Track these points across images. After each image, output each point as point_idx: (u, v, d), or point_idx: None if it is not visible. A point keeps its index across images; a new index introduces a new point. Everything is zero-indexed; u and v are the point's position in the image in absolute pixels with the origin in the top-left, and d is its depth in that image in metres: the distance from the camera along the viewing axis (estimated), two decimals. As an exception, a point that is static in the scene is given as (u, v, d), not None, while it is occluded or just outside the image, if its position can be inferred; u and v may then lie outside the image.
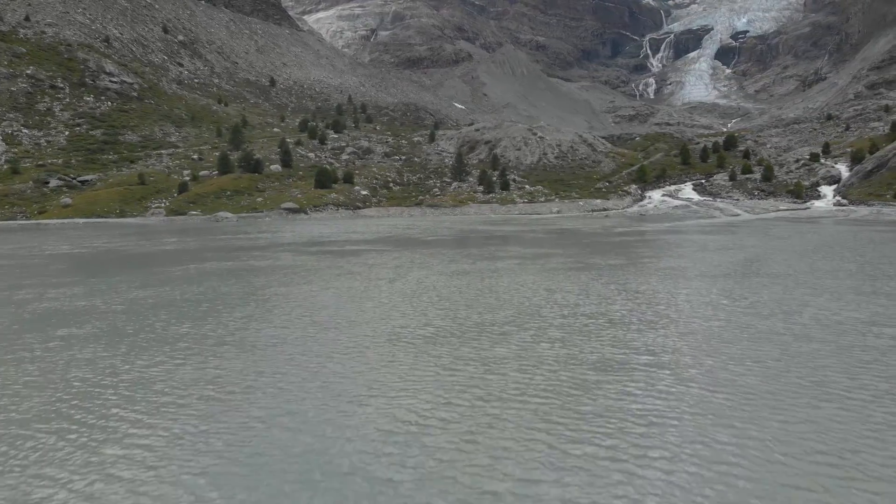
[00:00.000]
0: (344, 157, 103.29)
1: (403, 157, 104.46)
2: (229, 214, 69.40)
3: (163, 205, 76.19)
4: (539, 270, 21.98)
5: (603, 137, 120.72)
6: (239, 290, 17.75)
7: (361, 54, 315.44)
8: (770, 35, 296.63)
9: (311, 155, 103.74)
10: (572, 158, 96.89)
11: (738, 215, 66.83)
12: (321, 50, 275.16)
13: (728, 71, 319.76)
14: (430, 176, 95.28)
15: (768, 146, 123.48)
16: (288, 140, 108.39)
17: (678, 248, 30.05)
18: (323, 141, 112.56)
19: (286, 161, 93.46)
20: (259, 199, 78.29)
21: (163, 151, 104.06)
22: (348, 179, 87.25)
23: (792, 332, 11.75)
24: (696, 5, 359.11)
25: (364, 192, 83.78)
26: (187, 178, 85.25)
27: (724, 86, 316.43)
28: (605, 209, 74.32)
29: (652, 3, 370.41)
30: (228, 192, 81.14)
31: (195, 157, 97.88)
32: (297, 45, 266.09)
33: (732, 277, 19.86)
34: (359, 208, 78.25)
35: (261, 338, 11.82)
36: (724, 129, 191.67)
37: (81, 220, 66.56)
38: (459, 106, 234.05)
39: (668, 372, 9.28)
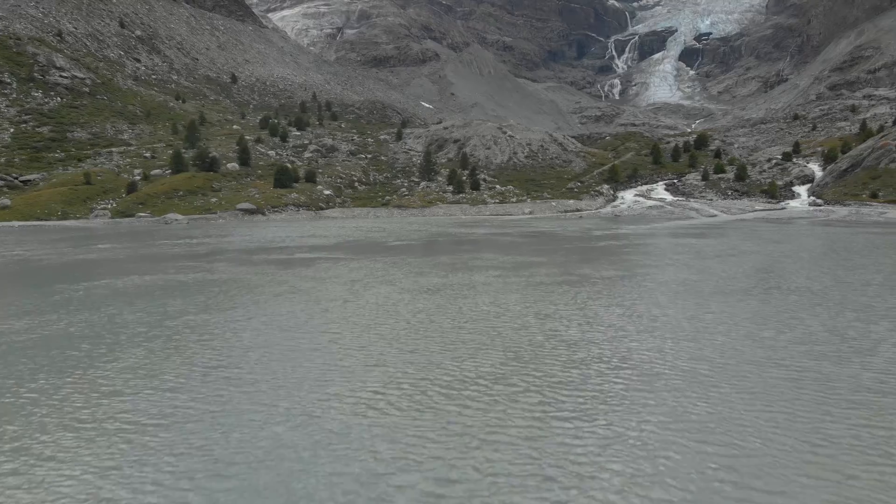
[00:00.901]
0: (306, 155, 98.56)
1: (369, 156, 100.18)
2: (179, 216, 64.42)
3: (109, 206, 70.75)
4: (524, 286, 18.24)
5: (573, 137, 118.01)
6: (138, 321, 13.60)
7: (327, 53, 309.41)
8: (733, 37, 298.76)
9: (272, 153, 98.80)
10: (543, 158, 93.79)
11: (715, 216, 64.23)
12: (285, 47, 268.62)
13: (692, 72, 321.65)
14: (397, 175, 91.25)
15: (736, 146, 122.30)
16: (247, 137, 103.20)
17: (673, 256, 26.62)
18: (284, 138, 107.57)
19: (244, 159, 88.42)
20: (213, 200, 73.31)
21: (113, 149, 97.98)
22: (310, 178, 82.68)
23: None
24: (660, 7, 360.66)
25: (327, 192, 79.34)
26: (138, 178, 79.78)
27: (688, 87, 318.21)
28: (577, 210, 71.19)
29: (617, 4, 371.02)
30: (181, 193, 75.95)
31: (147, 154, 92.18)
32: (261, 42, 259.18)
33: (755, 295, 16.38)
34: (321, 209, 73.84)
35: (104, 430, 7.82)
36: (689, 130, 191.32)
37: (17, 224, 60.95)
38: (427, 105, 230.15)
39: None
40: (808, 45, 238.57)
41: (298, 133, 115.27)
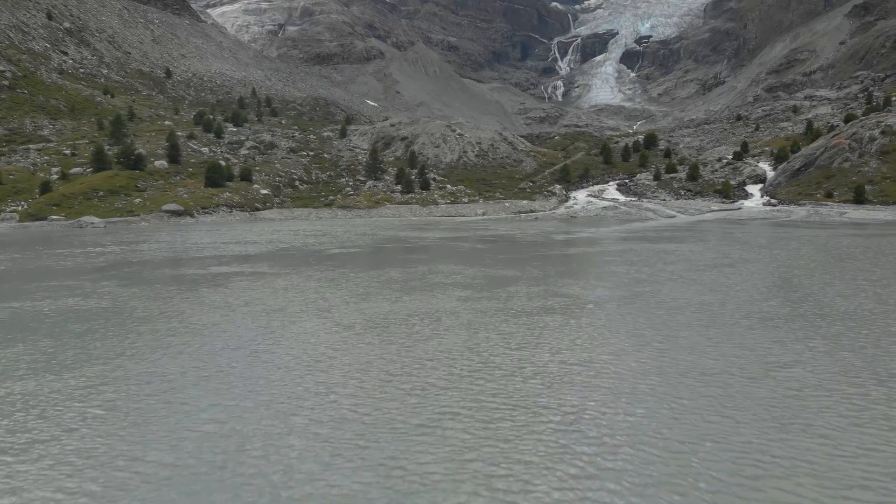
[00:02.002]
0: (243, 152, 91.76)
1: (312, 153, 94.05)
2: (96, 219, 57.38)
3: (19, 208, 62.97)
4: (504, 317, 13.56)
5: (522, 136, 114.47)
6: None
7: (269, 50, 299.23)
8: (672, 40, 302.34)
9: (205, 150, 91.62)
10: (493, 157, 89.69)
11: (673, 217, 61.23)
12: (224, 42, 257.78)
13: (633, 74, 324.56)
14: (341, 174, 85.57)
15: (681, 146, 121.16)
16: (179, 133, 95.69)
17: (664, 266, 22.42)
18: (219, 135, 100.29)
19: (174, 156, 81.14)
20: (137, 201, 66.23)
21: (31, 146, 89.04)
22: (246, 177, 76.20)
23: None
24: (601, 10, 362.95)
25: (264, 192, 73.12)
26: (55, 177, 71.86)
27: (629, 89, 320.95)
28: (532, 211, 67.21)
29: (559, 6, 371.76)
30: (101, 193, 68.51)
31: (67, 152, 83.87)
32: (198, 37, 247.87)
33: (802, 325, 12.13)
34: (257, 210, 67.68)
35: None
36: (630, 131, 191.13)
37: None
38: (372, 103, 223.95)
39: None
40: (744, 48, 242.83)
41: (235, 129, 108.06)
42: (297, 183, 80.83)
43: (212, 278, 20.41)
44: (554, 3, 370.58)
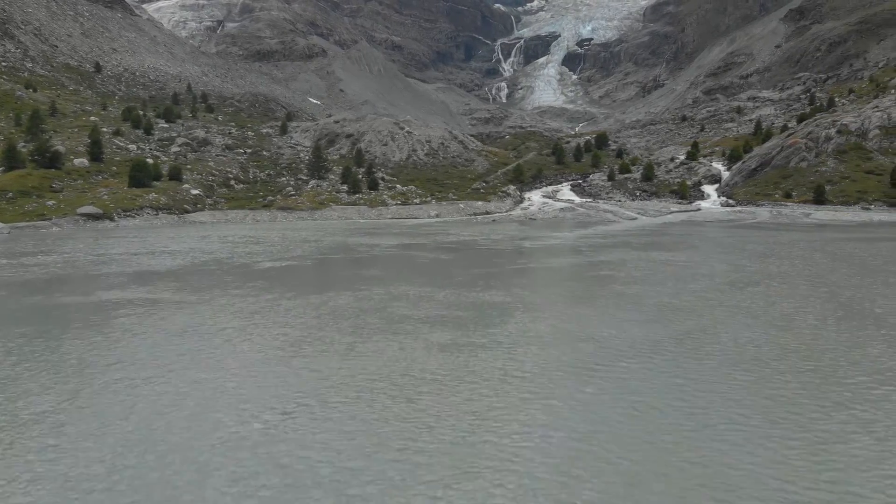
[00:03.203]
0: (174, 149, 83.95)
1: (249, 151, 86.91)
2: (1, 224, 49.60)
3: None
4: (522, 391, 8.46)
5: (471, 136, 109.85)
6: None
7: (207, 46, 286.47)
8: (612, 43, 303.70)
9: (132, 147, 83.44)
10: (444, 156, 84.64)
11: (635, 219, 57.52)
12: (158, 36, 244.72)
13: (574, 77, 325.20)
14: (282, 172, 78.92)
15: (629, 146, 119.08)
16: (104, 129, 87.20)
17: (681, 284, 17.80)
18: (149, 131, 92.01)
19: (96, 154, 73.00)
20: (50, 203, 58.28)
21: (-67, 142, 79.09)
22: (175, 176, 68.85)
23: None
24: (544, 12, 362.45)
25: (195, 192, 66.01)
26: (-45, 175, 63.09)
27: (571, 91, 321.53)
28: (487, 212, 62.46)
29: (503, 8, 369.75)
30: (10, 194, 60.25)
31: (-27, 148, 74.48)
32: (131, 31, 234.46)
33: None
34: (187, 212, 60.69)
35: None
36: (573, 133, 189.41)
37: None
38: (314, 101, 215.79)
39: None
40: (682, 51, 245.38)
41: (167, 125, 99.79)
42: (232, 182, 73.89)
43: (93, 310, 14.62)
44: (497, 5, 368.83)
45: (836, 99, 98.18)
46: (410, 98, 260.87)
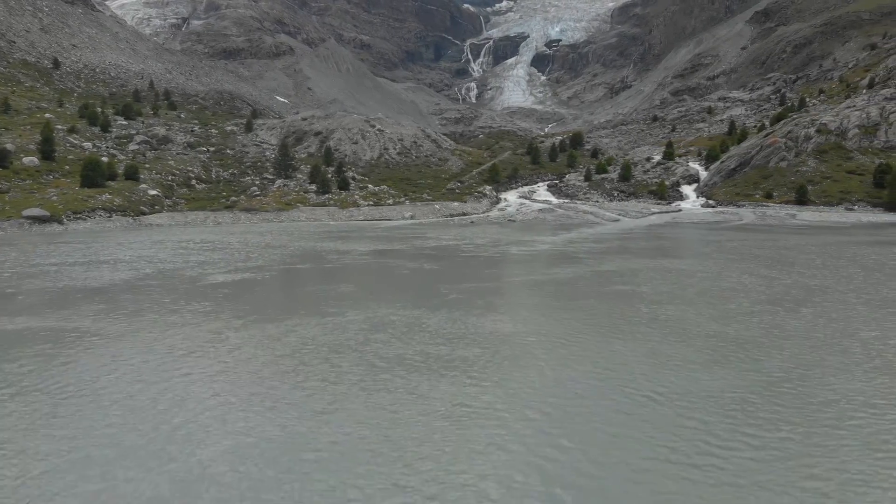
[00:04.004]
0: (132, 147, 78.89)
1: (212, 149, 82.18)
2: (-71, 227, 44.72)
3: None
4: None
5: (446, 134, 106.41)
6: None
7: (172, 44, 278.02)
8: (581, 44, 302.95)
9: (88, 145, 78.19)
10: (417, 155, 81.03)
11: (617, 220, 54.86)
12: (121, 33, 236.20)
13: (543, 78, 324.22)
14: (246, 172, 74.53)
15: (602, 146, 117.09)
16: (59, 127, 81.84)
17: (719, 303, 14.74)
18: (106, 128, 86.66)
19: (48, 152, 67.84)
20: (-8, 204, 53.37)
21: None
22: (132, 175, 64.08)
23: None
24: (512, 13, 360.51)
25: (153, 193, 61.35)
26: None
27: (540, 92, 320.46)
28: (464, 213, 59.15)
29: (472, 8, 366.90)
30: (-52, 194, 55.11)
31: (-89, 145, 68.67)
32: (92, 27, 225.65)
33: None
34: (144, 214, 56.14)
35: None
36: (542, 133, 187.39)
37: None
38: (282, 99, 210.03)
39: None
40: (650, 53, 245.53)
41: (125, 122, 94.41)
42: (193, 182, 69.33)
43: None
44: (466, 5, 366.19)
45: (808, 99, 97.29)
46: (380, 97, 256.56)
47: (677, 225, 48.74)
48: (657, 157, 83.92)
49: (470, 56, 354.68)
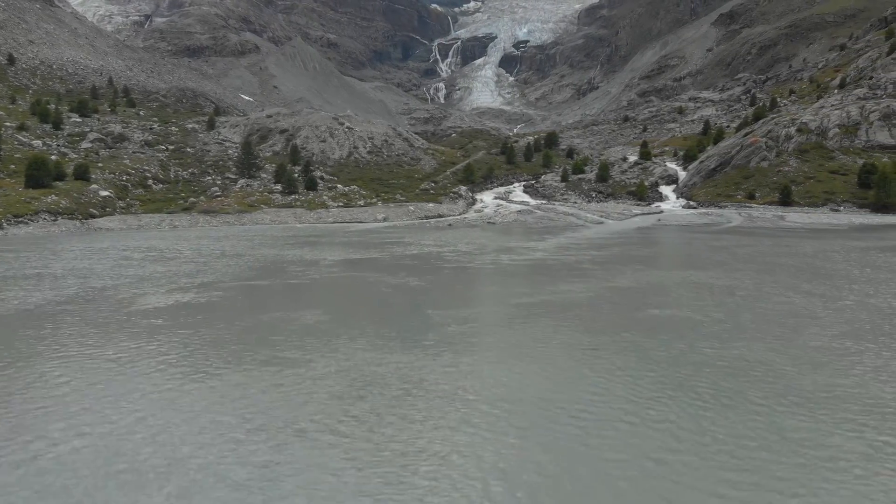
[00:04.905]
0: (84, 145, 73.26)
1: (172, 147, 76.92)
2: None
3: None
4: None
5: (417, 133, 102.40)
6: None
7: (134, 41, 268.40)
8: (548, 46, 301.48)
9: (37, 143, 72.42)
10: (388, 154, 76.90)
11: (601, 223, 51.85)
12: (80, 28, 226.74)
13: (511, 79, 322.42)
14: (207, 171, 69.62)
15: (575, 146, 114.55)
16: (8, 124, 75.96)
17: (794, 335, 11.33)
18: (59, 126, 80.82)
19: (-11, 150, 62.28)
20: (-79, 206, 47.91)
21: None
22: (82, 175, 58.83)
23: None
24: (480, 13, 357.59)
25: (105, 194, 56.23)
26: None
27: (508, 93, 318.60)
28: (440, 215, 55.38)
29: (440, 8, 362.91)
30: None
31: None
32: (49, 22, 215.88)
33: None
34: (93, 217, 51.14)
35: None
36: (510, 134, 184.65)
37: None
38: (247, 98, 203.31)
39: None
40: (616, 54, 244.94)
41: (80, 120, 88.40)
42: (150, 182, 64.28)
43: None
44: (434, 5, 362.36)
45: (779, 99, 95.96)
46: (347, 96, 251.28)
47: (666, 228, 45.80)
48: (633, 158, 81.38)
49: (438, 56, 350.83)
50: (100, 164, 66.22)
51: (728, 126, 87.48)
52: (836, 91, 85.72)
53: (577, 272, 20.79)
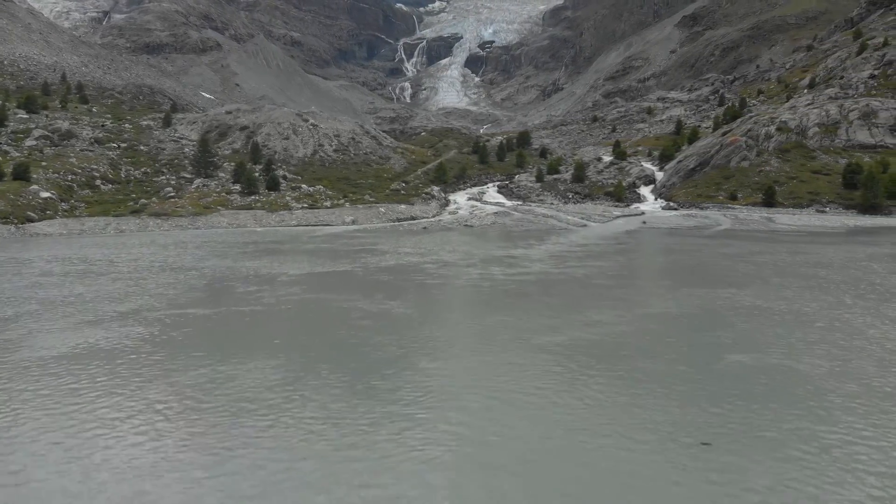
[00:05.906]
0: (28, 143, 66.99)
1: (124, 145, 71.05)
2: None
3: None
4: None
5: (384, 132, 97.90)
6: None
7: (91, 38, 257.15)
8: (513, 46, 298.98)
9: (-26, 140, 66.02)
10: (356, 153, 72.30)
11: (584, 225, 48.44)
12: (33, 24, 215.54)
13: (477, 79, 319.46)
14: (161, 170, 64.16)
15: (546, 146, 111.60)
16: (-58, 120, 69.43)
17: (882, 380, 7.57)
18: (2, 123, 74.16)
19: (-85, 147, 55.88)
20: None
21: None
22: (22, 175, 52.99)
23: None
24: (445, 13, 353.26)
25: (46, 195, 50.56)
26: None
27: (474, 93, 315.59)
28: (413, 217, 51.19)
29: (405, 8, 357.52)
30: None
31: None
32: (2, 17, 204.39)
33: None
34: (31, 221, 45.62)
35: None
36: (478, 134, 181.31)
37: None
38: (208, 95, 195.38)
39: None
40: (580, 56, 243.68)
41: (26, 116, 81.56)
42: (98, 183, 58.64)
43: None
44: (399, 4, 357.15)
45: (748, 99, 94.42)
46: (311, 95, 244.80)
47: (655, 231, 42.55)
48: (608, 158, 78.45)
49: (404, 56, 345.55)
50: (43, 163, 60.27)
51: (699, 126, 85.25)
52: (805, 91, 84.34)
53: (593, 291, 17.00)
